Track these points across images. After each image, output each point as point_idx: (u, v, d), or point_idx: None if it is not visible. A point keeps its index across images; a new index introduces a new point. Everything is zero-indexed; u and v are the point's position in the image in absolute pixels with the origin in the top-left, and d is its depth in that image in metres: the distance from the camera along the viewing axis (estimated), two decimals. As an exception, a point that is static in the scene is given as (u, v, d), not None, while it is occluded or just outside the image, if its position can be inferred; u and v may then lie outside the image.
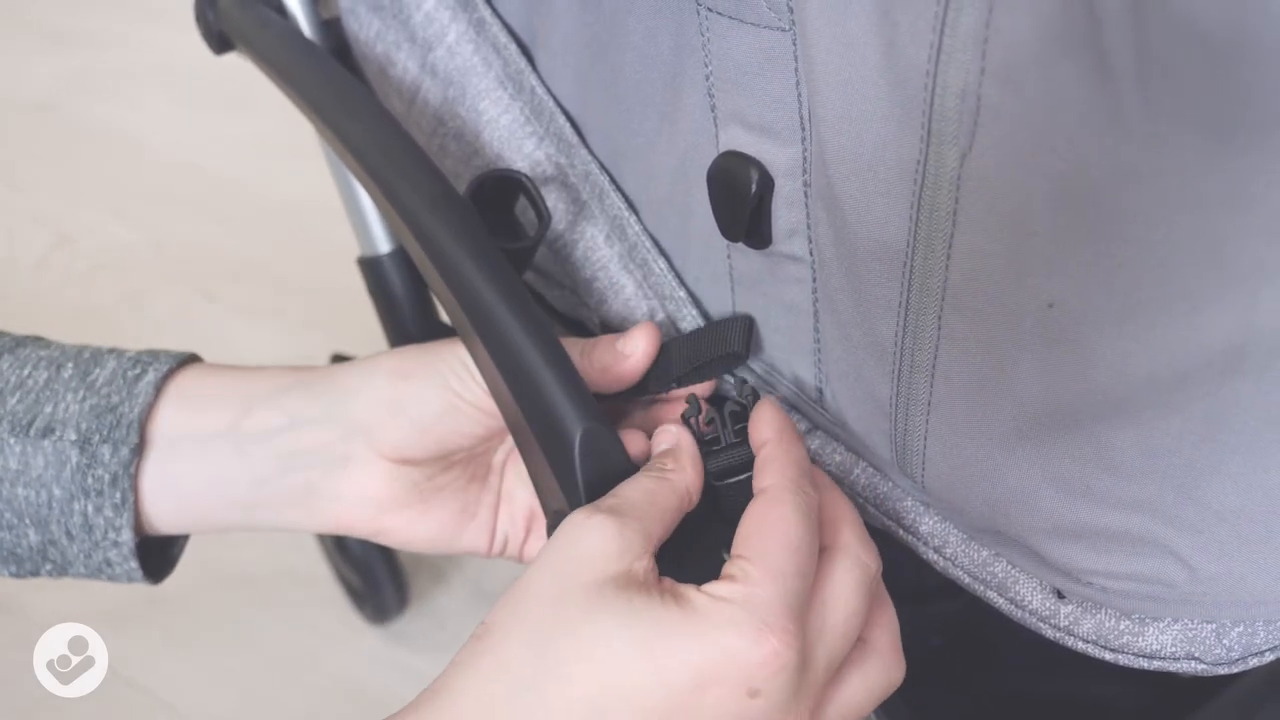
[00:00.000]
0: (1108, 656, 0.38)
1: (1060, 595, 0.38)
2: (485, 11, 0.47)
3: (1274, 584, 0.34)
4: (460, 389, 0.42)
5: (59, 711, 0.73)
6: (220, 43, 0.54)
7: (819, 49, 0.31)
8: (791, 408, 0.44)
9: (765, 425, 0.38)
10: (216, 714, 0.78)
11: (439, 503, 0.44)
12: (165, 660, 0.80)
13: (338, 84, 0.46)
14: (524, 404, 0.38)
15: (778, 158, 0.36)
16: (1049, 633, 0.39)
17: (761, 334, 0.42)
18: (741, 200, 0.37)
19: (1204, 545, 0.33)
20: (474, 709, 0.32)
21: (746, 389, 0.40)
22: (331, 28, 0.55)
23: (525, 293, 0.39)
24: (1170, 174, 0.26)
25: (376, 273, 0.62)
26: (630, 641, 0.32)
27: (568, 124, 0.46)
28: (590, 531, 0.34)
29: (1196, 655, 0.36)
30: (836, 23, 0.30)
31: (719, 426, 0.39)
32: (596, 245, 0.46)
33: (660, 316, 0.45)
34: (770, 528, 0.34)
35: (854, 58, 0.30)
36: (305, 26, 0.54)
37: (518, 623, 0.33)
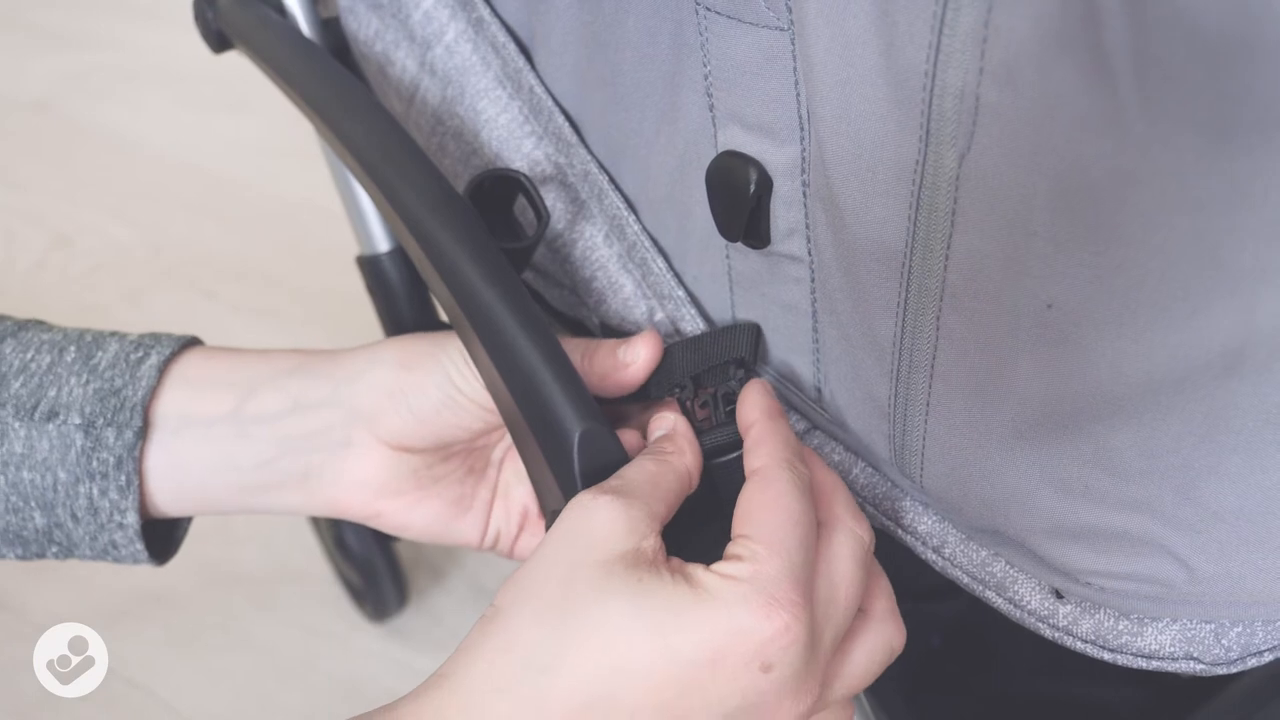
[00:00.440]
0: (1106, 656, 0.38)
1: (1059, 595, 0.38)
2: (484, 10, 0.47)
3: (1272, 584, 0.34)
4: (460, 383, 0.42)
5: (59, 711, 0.73)
6: (219, 42, 0.54)
7: (817, 49, 0.31)
8: (790, 407, 0.44)
9: (751, 406, 0.39)
10: (216, 712, 0.78)
11: (435, 492, 0.45)
12: (164, 659, 0.80)
13: (337, 83, 0.46)
14: (523, 403, 0.38)
15: (776, 157, 0.36)
16: (1048, 633, 0.39)
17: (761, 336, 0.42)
18: (740, 200, 0.37)
19: (1202, 545, 0.33)
20: (484, 689, 0.32)
21: (739, 371, 0.40)
22: (330, 27, 0.55)
23: (524, 292, 0.39)
24: (1169, 174, 0.26)
25: (375, 271, 0.62)
26: (641, 620, 0.32)
27: (566, 123, 0.46)
28: (597, 512, 0.34)
29: (1195, 655, 0.36)
30: (835, 23, 0.30)
31: (712, 408, 0.40)
32: (595, 245, 0.46)
33: (659, 316, 0.45)
34: (769, 505, 0.35)
35: (852, 58, 0.30)
36: (304, 25, 0.54)
37: (527, 603, 0.33)
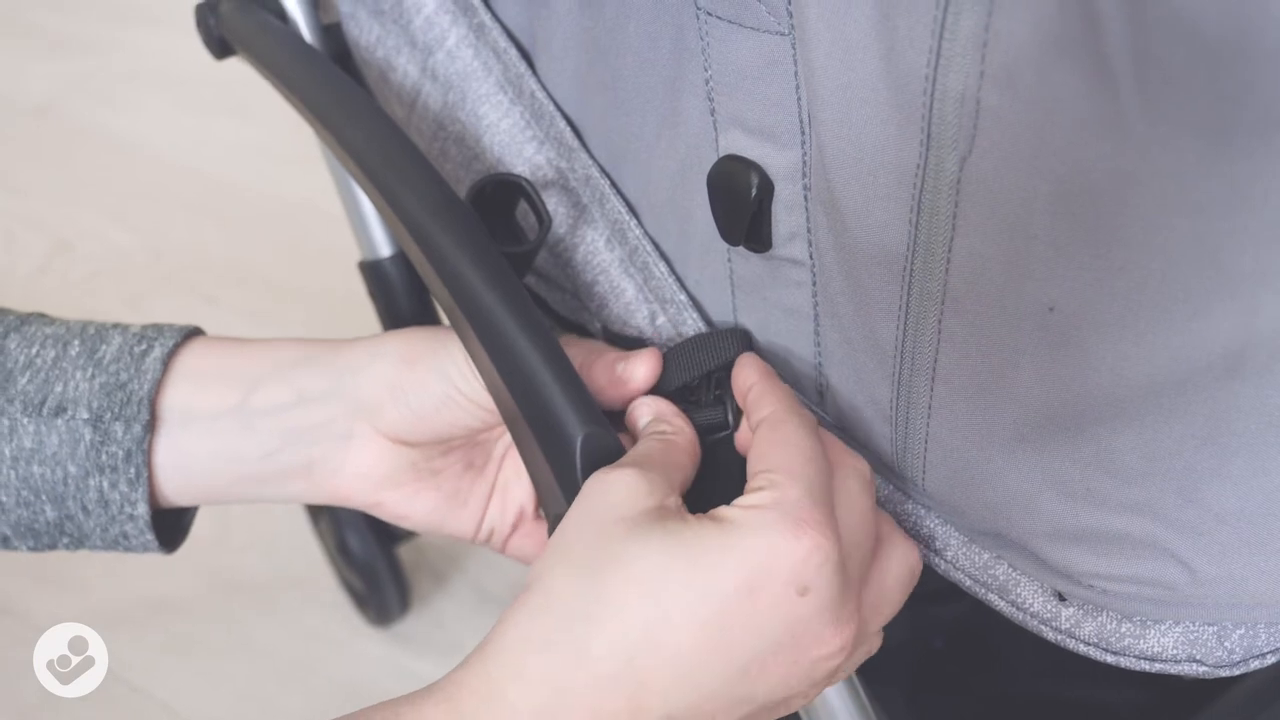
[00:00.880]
0: (1109, 659, 0.37)
1: (1061, 598, 0.38)
2: (485, 16, 0.47)
3: (1275, 586, 0.34)
4: (460, 383, 0.42)
5: (59, 712, 0.73)
6: (221, 48, 0.54)
7: (818, 53, 0.31)
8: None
9: (749, 370, 0.40)
10: (216, 716, 0.78)
11: (433, 485, 0.45)
12: (166, 663, 0.80)
13: (338, 89, 0.46)
14: (525, 407, 0.38)
15: (778, 161, 0.36)
16: (1050, 635, 0.39)
17: (762, 337, 0.42)
18: (742, 204, 0.37)
19: (1205, 548, 0.33)
20: (525, 648, 0.32)
21: (730, 344, 0.41)
22: (332, 33, 0.55)
23: (526, 296, 0.39)
24: (1169, 177, 0.26)
25: (377, 276, 0.62)
26: (675, 562, 0.32)
27: (568, 128, 0.46)
28: (617, 478, 0.35)
29: (1198, 658, 0.36)
30: (836, 27, 0.30)
31: (701, 390, 0.41)
32: (597, 249, 0.46)
33: (660, 320, 0.45)
34: (783, 443, 0.36)
35: (853, 62, 0.30)
36: (306, 32, 0.54)
37: (558, 566, 0.33)
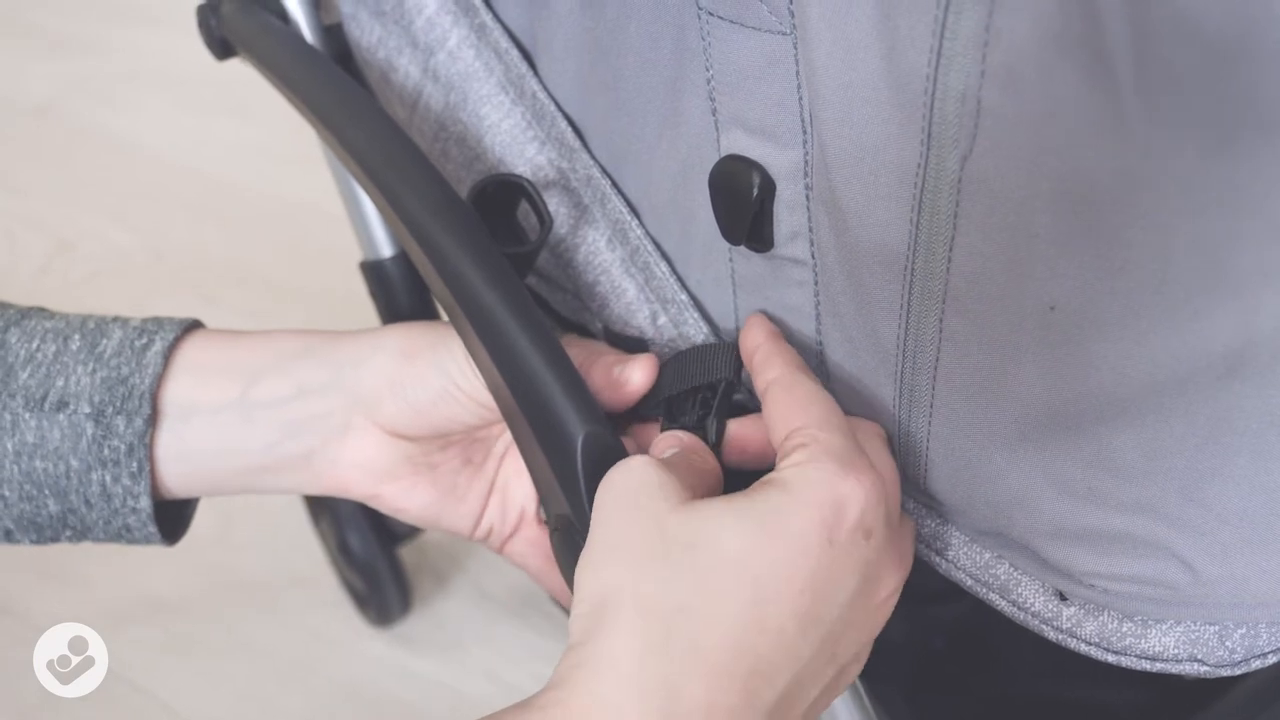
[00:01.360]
0: (1110, 659, 0.38)
1: (1062, 597, 0.38)
2: (486, 16, 0.47)
3: (1277, 586, 0.34)
4: (460, 379, 0.42)
5: (59, 712, 0.73)
6: (223, 48, 0.54)
7: (820, 53, 0.31)
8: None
9: (756, 330, 0.40)
10: (217, 715, 0.77)
11: (431, 479, 0.45)
12: (167, 662, 0.80)
13: (340, 89, 0.46)
14: (525, 406, 0.38)
15: (779, 161, 0.36)
16: (1051, 635, 0.39)
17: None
18: (743, 203, 0.37)
19: (1207, 547, 0.33)
20: (631, 656, 0.31)
21: (722, 384, 0.41)
22: (333, 33, 0.55)
23: (527, 297, 0.39)
24: (1171, 177, 0.26)
25: (379, 276, 0.62)
26: (752, 533, 0.32)
27: (569, 128, 0.46)
28: (640, 465, 0.35)
29: (1199, 657, 0.36)
30: (837, 27, 0.30)
31: (687, 404, 0.42)
32: (598, 249, 0.46)
33: (662, 320, 0.45)
34: (803, 400, 0.36)
35: (855, 61, 0.30)
36: (307, 32, 0.54)
37: (627, 562, 0.33)
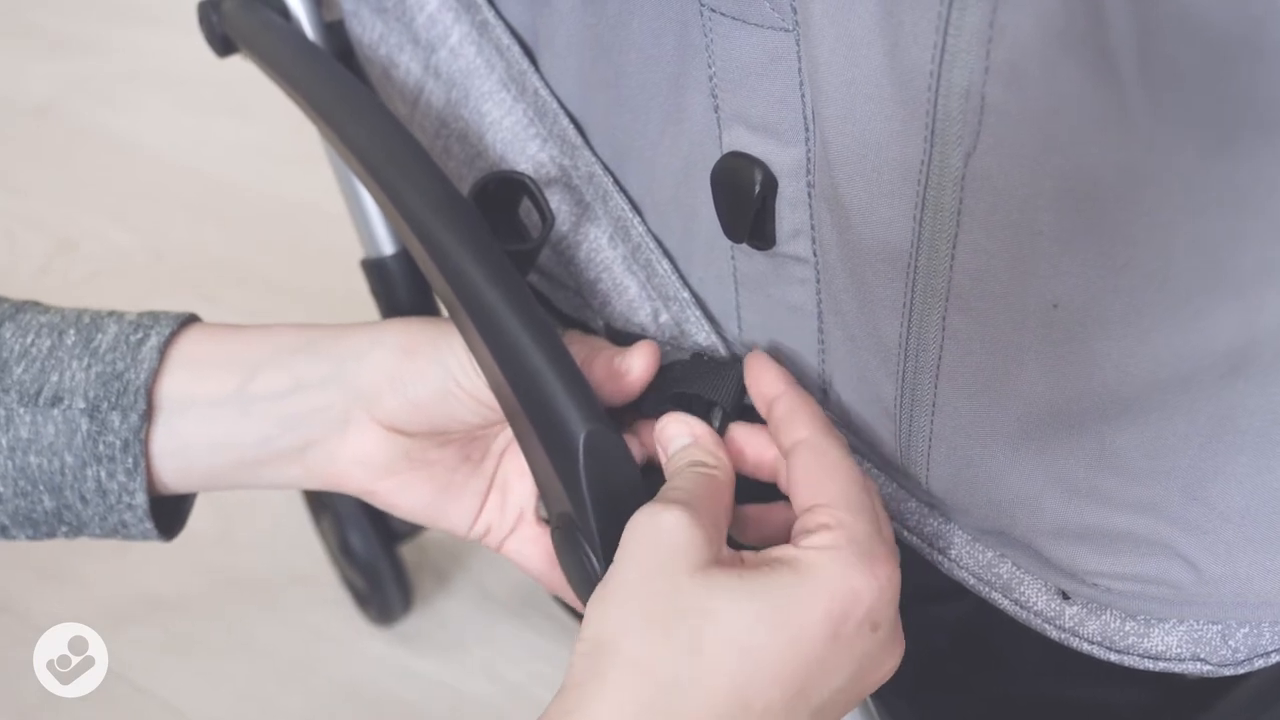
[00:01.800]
0: (1113, 658, 0.37)
1: (1065, 596, 0.38)
2: (488, 13, 0.47)
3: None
4: (460, 377, 0.42)
5: (60, 711, 0.73)
6: (224, 46, 0.54)
7: (823, 49, 0.31)
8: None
9: (771, 379, 0.40)
10: (217, 714, 0.77)
11: (428, 476, 0.45)
12: (167, 661, 0.80)
13: (341, 87, 0.46)
14: (528, 404, 0.38)
15: (781, 158, 0.36)
16: (1054, 634, 0.38)
17: (765, 335, 0.42)
18: (745, 201, 0.37)
19: (1210, 546, 0.33)
20: (620, 715, 0.32)
21: (718, 411, 0.41)
22: (335, 30, 0.55)
23: (529, 294, 0.39)
24: (1174, 174, 0.26)
25: (380, 274, 0.62)
26: (759, 615, 0.32)
27: (571, 125, 0.46)
28: (674, 522, 0.34)
29: (1202, 656, 0.36)
30: (840, 23, 0.30)
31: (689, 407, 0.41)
32: (600, 247, 0.46)
33: (664, 318, 0.45)
34: (832, 471, 0.36)
35: (858, 58, 0.30)
36: (309, 29, 0.54)
37: (638, 625, 0.33)
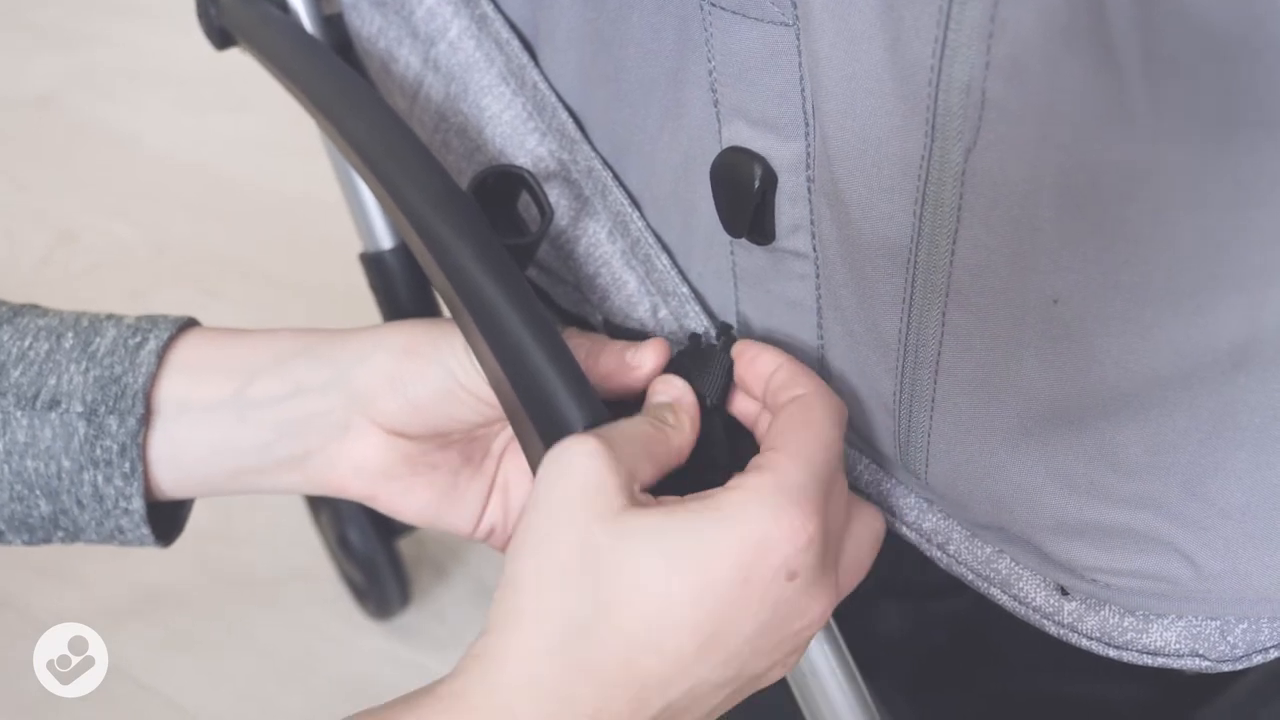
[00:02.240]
0: (1111, 653, 0.37)
1: (1064, 592, 0.38)
2: (487, 7, 0.47)
3: (1278, 581, 0.34)
4: (461, 376, 0.42)
5: (60, 708, 0.73)
6: (222, 39, 0.54)
7: (823, 44, 0.31)
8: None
9: (769, 356, 0.39)
10: (218, 711, 0.78)
11: (430, 479, 0.44)
12: (167, 657, 0.80)
13: (340, 80, 0.46)
14: (526, 399, 0.38)
15: (781, 153, 0.36)
16: (1052, 630, 0.38)
17: (764, 330, 0.42)
18: (745, 196, 0.37)
19: (1209, 542, 0.33)
20: (528, 656, 0.32)
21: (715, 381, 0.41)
22: (334, 24, 0.55)
23: (528, 289, 0.39)
24: (1176, 170, 0.26)
25: (379, 268, 0.62)
26: (667, 557, 0.32)
27: (570, 120, 0.45)
28: (583, 459, 0.34)
29: (1201, 652, 0.36)
30: (841, 17, 0.30)
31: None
32: (599, 241, 0.46)
33: (663, 313, 0.45)
34: (806, 427, 0.36)
35: (858, 53, 0.30)
36: (307, 22, 0.54)
37: (548, 569, 0.33)
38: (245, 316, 1.05)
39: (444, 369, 0.42)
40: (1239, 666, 0.37)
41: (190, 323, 0.45)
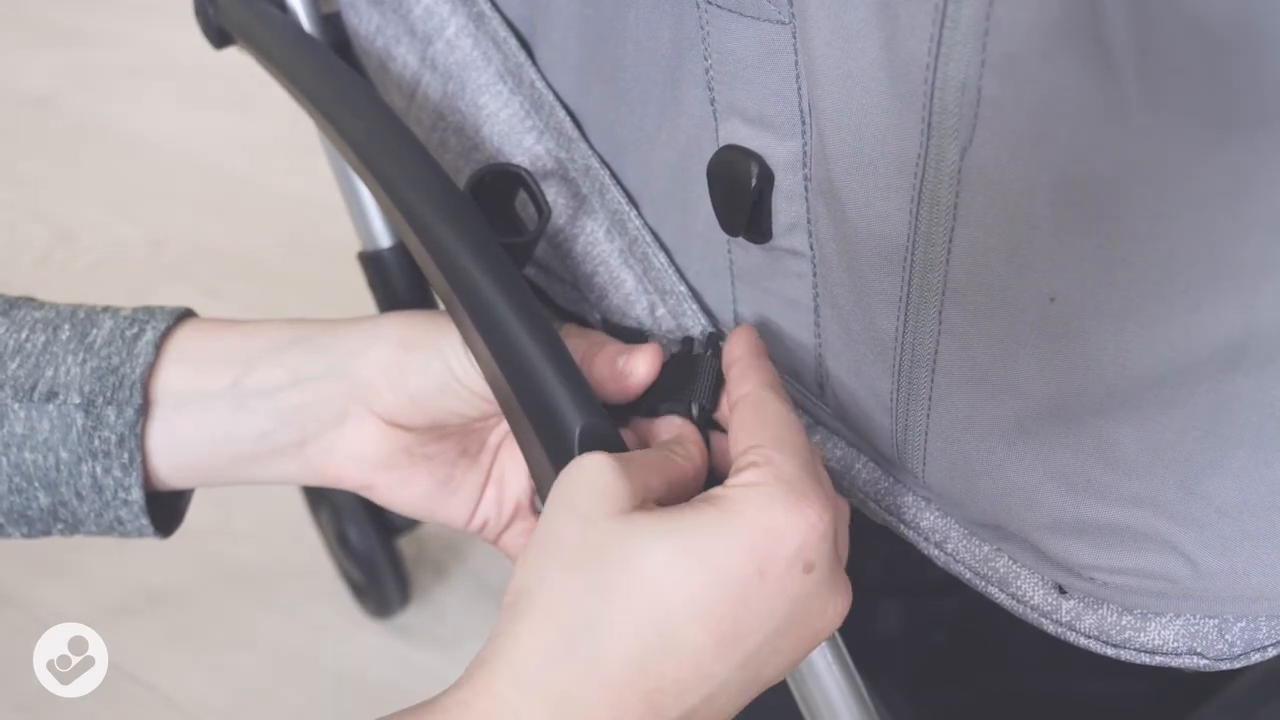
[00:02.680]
0: (1109, 652, 0.37)
1: (1062, 591, 0.38)
2: (484, 5, 0.47)
3: (1277, 579, 0.34)
4: (459, 371, 0.42)
5: (60, 703, 0.73)
6: (220, 37, 0.54)
7: (819, 42, 0.31)
8: (792, 403, 0.44)
9: (740, 343, 0.40)
10: (218, 708, 0.78)
11: (426, 470, 0.45)
12: (168, 654, 0.80)
13: (338, 79, 0.46)
14: (523, 397, 0.38)
15: (778, 151, 0.36)
16: (1051, 628, 0.38)
17: (762, 328, 0.42)
18: (741, 194, 0.37)
19: (1206, 540, 0.33)
20: (533, 659, 0.31)
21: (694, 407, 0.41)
22: (331, 22, 0.55)
23: (525, 287, 0.39)
24: (1171, 167, 0.26)
25: (377, 267, 0.62)
26: (680, 553, 0.32)
27: (567, 118, 0.45)
28: (594, 467, 0.34)
29: (1199, 650, 0.36)
30: (836, 16, 0.30)
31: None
32: (596, 240, 0.46)
33: (660, 311, 0.45)
34: (769, 418, 0.36)
35: (854, 51, 0.30)
36: (305, 21, 0.54)
37: (554, 566, 0.32)
38: (245, 315, 1.05)
39: (442, 363, 0.42)
40: (1237, 665, 0.37)
41: (187, 313, 0.45)
